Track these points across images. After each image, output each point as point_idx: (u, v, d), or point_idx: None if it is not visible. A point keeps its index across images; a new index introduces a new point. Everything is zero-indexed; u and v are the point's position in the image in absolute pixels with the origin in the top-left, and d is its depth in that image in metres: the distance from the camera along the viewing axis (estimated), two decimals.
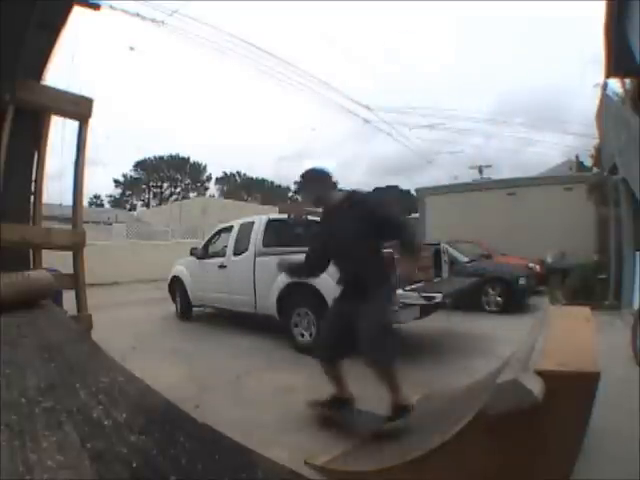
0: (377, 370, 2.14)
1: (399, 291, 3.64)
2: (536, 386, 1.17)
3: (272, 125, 74.82)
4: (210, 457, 0.60)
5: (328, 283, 3.97)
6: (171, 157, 45.33)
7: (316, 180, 2.44)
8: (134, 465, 0.56)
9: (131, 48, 16.96)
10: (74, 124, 2.82)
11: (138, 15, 7.94)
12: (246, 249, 4.97)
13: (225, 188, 48.82)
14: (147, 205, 43.22)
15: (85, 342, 1.36)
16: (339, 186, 2.51)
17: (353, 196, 2.37)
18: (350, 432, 2.22)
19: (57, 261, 2.97)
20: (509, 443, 1.30)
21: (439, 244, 5.06)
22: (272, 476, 0.59)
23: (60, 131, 3.02)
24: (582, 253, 8.01)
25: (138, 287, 10.19)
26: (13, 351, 1.09)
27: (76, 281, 2.76)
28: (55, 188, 4.03)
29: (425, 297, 3.60)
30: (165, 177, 46.14)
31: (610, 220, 7.35)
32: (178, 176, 46.44)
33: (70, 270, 2.79)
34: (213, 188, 47.89)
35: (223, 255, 5.38)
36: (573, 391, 1.22)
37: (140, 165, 44.84)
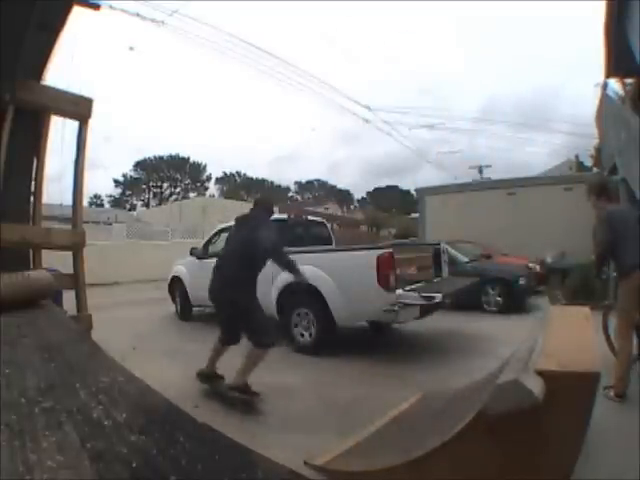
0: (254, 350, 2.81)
1: (399, 291, 3.65)
2: (536, 386, 1.17)
3: (272, 125, 74.99)
4: (210, 457, 0.60)
5: (328, 284, 3.98)
6: (171, 157, 45.39)
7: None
8: (134, 465, 0.56)
9: (131, 48, 17.00)
10: (74, 124, 2.82)
11: (138, 15, 7.96)
12: None
13: (225, 188, 48.89)
14: (147, 205, 43.26)
15: (85, 342, 1.36)
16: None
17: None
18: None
19: (57, 261, 2.98)
20: (509, 443, 1.30)
21: (439, 244, 5.06)
22: (272, 476, 0.59)
23: (60, 131, 3.02)
24: (582, 253, 7.99)
25: (138, 287, 10.19)
26: (13, 351, 1.09)
27: (76, 281, 2.76)
28: (55, 188, 4.02)
29: (425, 297, 3.60)
30: (165, 177, 46.18)
31: None
32: (178, 176, 46.49)
33: (70, 270, 2.79)
34: (213, 188, 47.99)
35: None
36: (573, 391, 1.22)
37: (140, 165, 44.89)
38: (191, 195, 43.05)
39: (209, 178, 48.08)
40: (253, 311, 2.90)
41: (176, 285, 6.30)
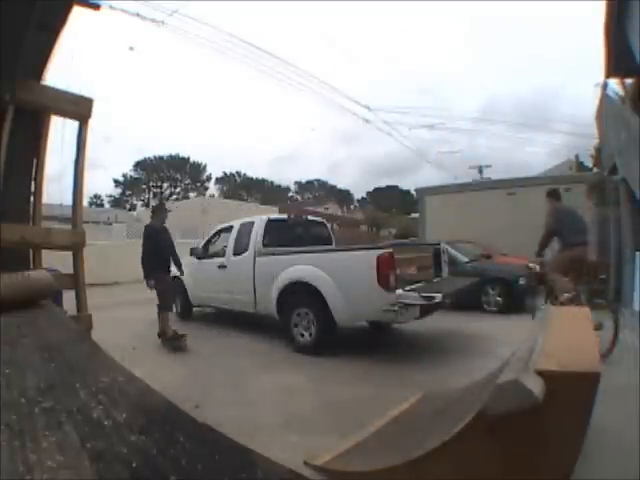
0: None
1: (399, 291, 3.65)
2: (536, 386, 1.17)
3: (272, 125, 75.00)
4: (210, 457, 0.60)
5: (328, 284, 3.98)
6: (171, 157, 45.40)
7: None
8: (134, 465, 0.56)
9: (131, 48, 17.02)
10: (74, 124, 2.82)
11: (138, 15, 7.95)
12: (246, 249, 4.97)
13: (225, 188, 48.89)
14: (147, 205, 43.20)
15: (85, 342, 1.36)
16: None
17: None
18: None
19: (57, 261, 2.97)
20: (509, 443, 1.30)
21: (439, 244, 5.06)
22: (272, 476, 0.59)
23: (60, 131, 3.01)
24: None
25: (138, 287, 10.16)
26: (13, 351, 1.09)
27: (76, 281, 2.76)
28: (55, 188, 4.02)
29: (425, 297, 3.59)
30: (165, 177, 46.16)
31: (610, 220, 7.35)
32: (178, 176, 46.47)
33: (70, 270, 2.79)
34: (213, 188, 47.97)
35: (223, 255, 5.38)
36: (573, 391, 1.22)
37: (140, 165, 44.90)
38: (191, 195, 43.06)
39: (209, 178, 48.12)
40: (156, 287, 4.50)
41: (176, 285, 6.30)
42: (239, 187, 49.30)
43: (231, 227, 5.55)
